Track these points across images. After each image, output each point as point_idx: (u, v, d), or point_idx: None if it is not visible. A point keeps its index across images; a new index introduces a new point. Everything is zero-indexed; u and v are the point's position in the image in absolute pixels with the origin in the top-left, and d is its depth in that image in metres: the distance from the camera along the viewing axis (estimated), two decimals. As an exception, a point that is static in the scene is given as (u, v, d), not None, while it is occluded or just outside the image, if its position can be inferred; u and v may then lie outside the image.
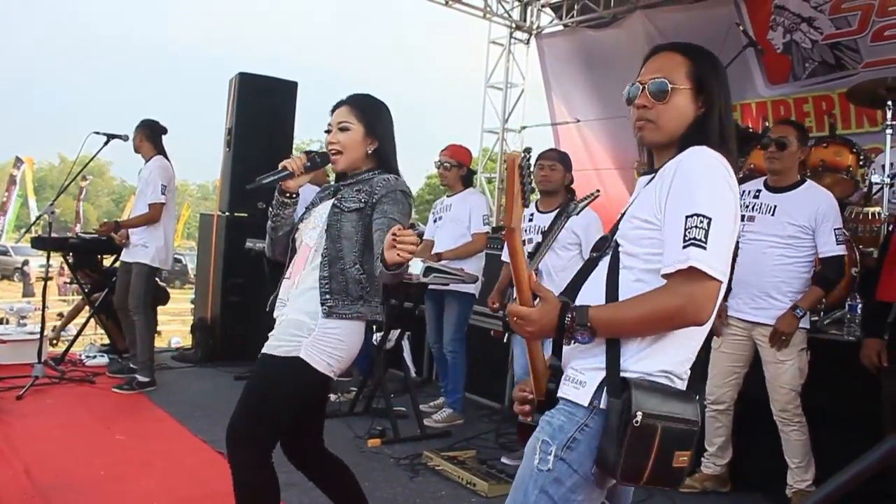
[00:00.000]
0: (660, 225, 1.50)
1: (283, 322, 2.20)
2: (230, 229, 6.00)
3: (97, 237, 5.63)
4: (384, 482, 3.43)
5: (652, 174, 1.61)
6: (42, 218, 5.17)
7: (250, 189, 2.27)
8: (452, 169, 4.67)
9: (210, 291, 6.15)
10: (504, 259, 4.08)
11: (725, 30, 5.74)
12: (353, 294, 2.18)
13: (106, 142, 5.01)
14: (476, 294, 4.58)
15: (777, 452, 3.27)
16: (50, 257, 5.33)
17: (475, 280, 4.42)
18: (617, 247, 1.58)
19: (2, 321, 6.63)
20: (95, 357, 5.60)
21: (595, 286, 1.58)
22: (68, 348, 5.78)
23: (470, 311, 4.65)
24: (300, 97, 6.36)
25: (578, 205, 3.47)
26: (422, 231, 5.13)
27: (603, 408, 1.47)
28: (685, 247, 1.42)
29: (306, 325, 2.14)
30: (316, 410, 2.41)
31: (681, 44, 1.68)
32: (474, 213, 4.58)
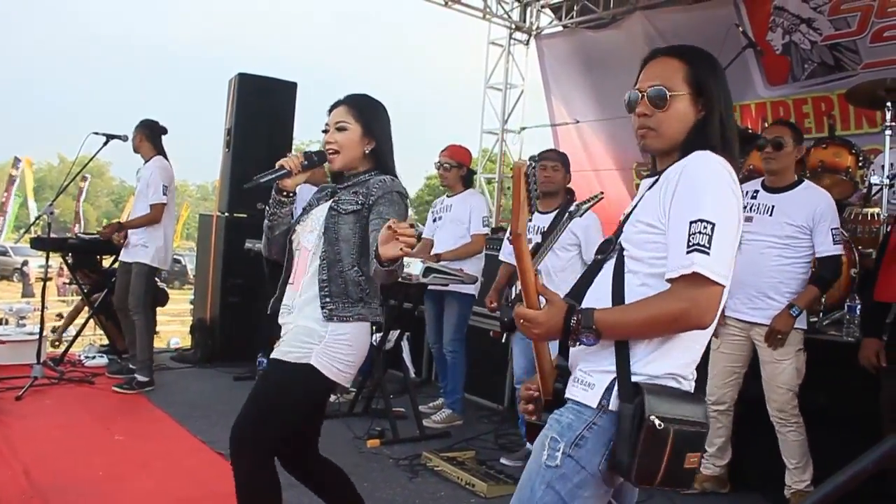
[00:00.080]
0: (664, 229, 1.52)
1: (294, 329, 2.20)
2: (229, 230, 6.00)
3: (96, 238, 5.63)
4: (383, 483, 3.43)
5: (655, 177, 1.63)
6: (41, 218, 5.17)
7: (248, 188, 2.26)
8: (452, 169, 4.68)
9: (209, 292, 6.15)
10: (502, 259, 4.08)
11: (725, 31, 5.74)
12: (353, 296, 2.19)
13: (105, 142, 5.01)
14: (475, 295, 4.58)
15: (776, 453, 3.27)
16: (49, 258, 5.34)
17: (475, 280, 4.42)
18: (621, 250, 1.59)
19: (1, 322, 6.63)
20: (95, 357, 5.60)
21: (600, 289, 1.60)
22: (67, 349, 5.78)
23: (469, 312, 4.66)
24: (300, 97, 6.37)
25: (582, 206, 3.46)
26: (420, 231, 5.13)
27: (612, 409, 1.49)
28: (689, 252, 1.44)
29: (317, 333, 2.16)
30: (315, 417, 2.41)
31: (677, 48, 1.68)
32: (474, 215, 4.58)
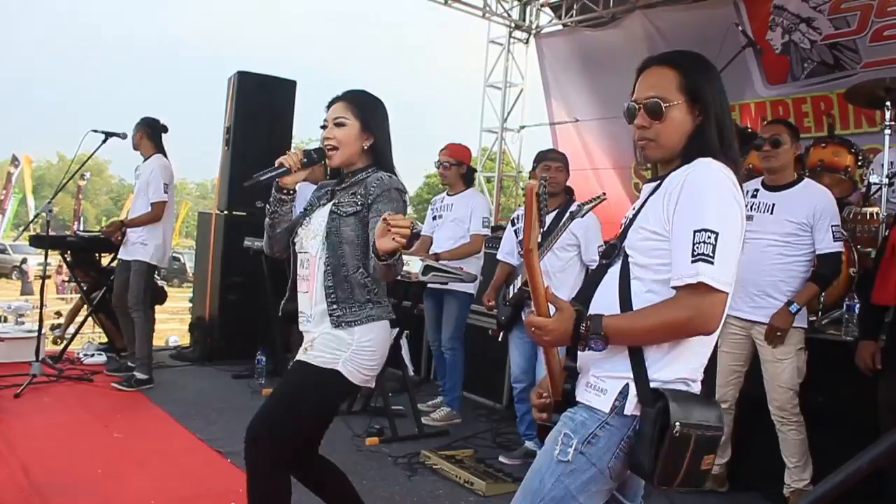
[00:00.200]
0: (668, 236, 1.55)
1: (321, 337, 2.20)
2: (229, 228, 5.99)
3: (95, 235, 5.63)
4: (382, 481, 3.43)
5: (657, 181, 1.65)
6: (40, 216, 5.16)
7: (248, 186, 2.26)
8: (452, 167, 4.68)
9: (208, 290, 6.14)
10: (500, 258, 4.08)
11: (724, 30, 5.74)
12: (360, 299, 2.20)
13: (104, 140, 5.01)
14: (474, 293, 4.59)
15: (775, 452, 3.27)
16: (48, 255, 5.33)
17: (474, 279, 4.42)
18: (626, 256, 1.62)
19: (0, 319, 6.63)
20: (93, 355, 5.60)
21: (607, 295, 1.63)
22: (66, 346, 5.77)
23: (468, 310, 4.66)
24: (299, 96, 6.35)
25: (583, 207, 3.45)
26: (419, 229, 5.12)
27: (628, 414, 1.53)
28: (694, 261, 1.48)
29: (344, 341, 2.17)
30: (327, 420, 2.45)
31: (669, 56, 1.70)
32: (475, 215, 4.57)
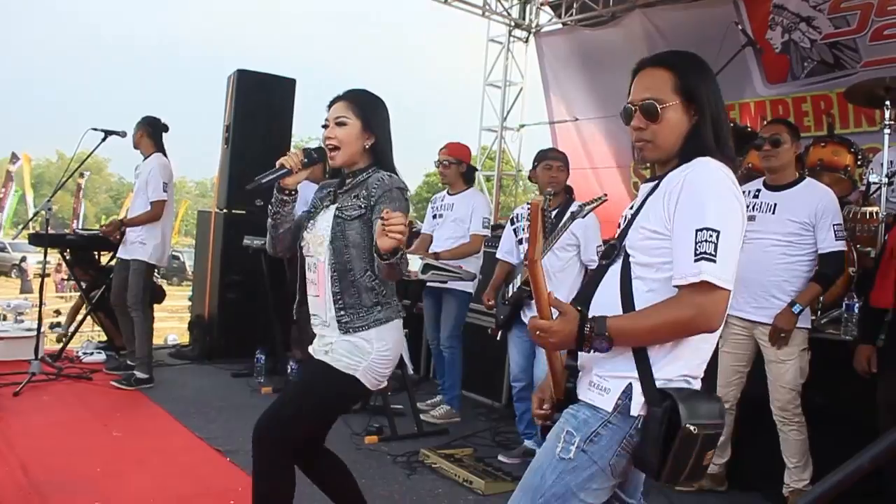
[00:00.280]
0: (669, 235, 1.57)
1: (340, 342, 2.20)
2: (228, 226, 5.98)
3: (95, 234, 5.62)
4: (381, 479, 3.43)
5: (655, 181, 1.66)
6: (39, 214, 5.16)
7: (250, 189, 2.26)
8: (451, 166, 4.67)
9: (208, 288, 6.14)
10: (499, 256, 4.08)
11: (724, 29, 5.74)
12: (367, 303, 2.20)
13: (104, 138, 5.00)
14: (473, 292, 4.59)
15: (774, 451, 3.27)
16: (47, 254, 5.32)
17: (473, 278, 4.42)
18: (627, 256, 1.63)
19: (-1, 317, 6.63)
20: (93, 354, 5.60)
21: (608, 294, 1.64)
22: (65, 345, 5.77)
23: (467, 309, 4.66)
24: (299, 95, 6.34)
25: (585, 208, 3.45)
26: (418, 229, 5.12)
27: (634, 415, 1.54)
28: (697, 260, 1.49)
29: (364, 350, 2.19)
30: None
31: (663, 56, 1.71)
32: (475, 215, 4.57)
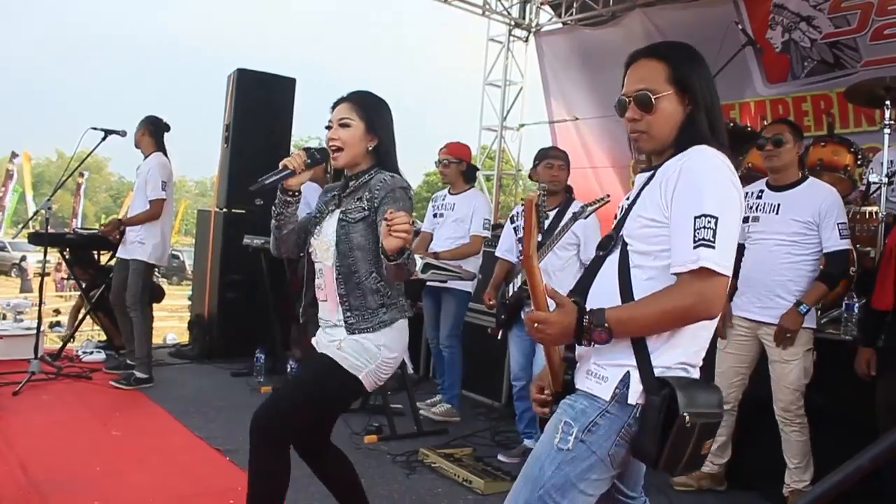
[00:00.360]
0: (667, 223, 1.56)
1: (349, 341, 2.21)
2: (228, 226, 5.98)
3: (94, 233, 5.62)
4: (380, 479, 3.43)
5: (651, 171, 1.65)
6: (39, 213, 5.16)
7: (254, 190, 2.26)
8: (451, 165, 4.67)
9: (207, 288, 6.14)
10: (498, 255, 4.08)
11: (724, 28, 5.74)
12: (373, 305, 2.22)
13: (103, 137, 5.00)
14: (472, 292, 4.58)
15: (774, 451, 3.27)
16: (47, 253, 5.32)
17: (473, 277, 4.42)
18: (624, 245, 1.62)
19: (-1, 317, 6.63)
20: (92, 353, 5.59)
21: (606, 285, 1.63)
22: (65, 344, 5.77)
23: (466, 308, 4.65)
24: (298, 94, 6.34)
25: (587, 208, 3.45)
26: (418, 228, 5.12)
27: (632, 403, 1.54)
28: (696, 247, 1.48)
29: (373, 353, 2.20)
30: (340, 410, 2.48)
31: (656, 47, 1.72)
32: (476, 216, 4.56)
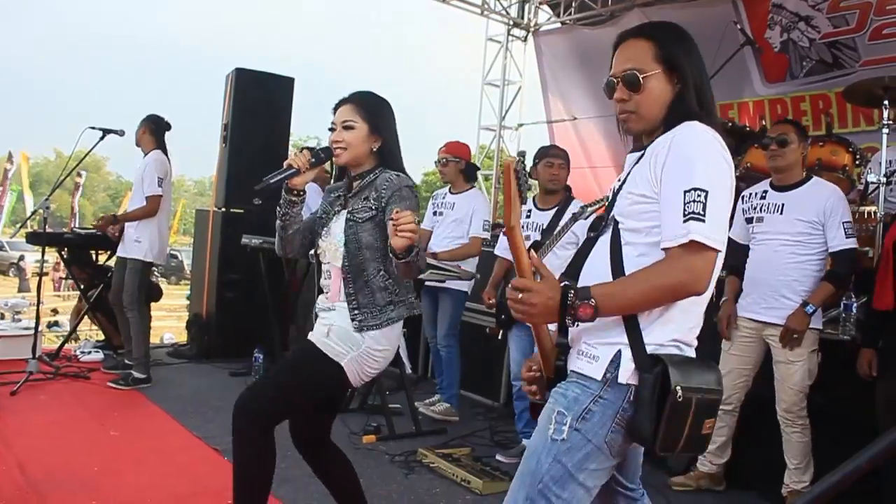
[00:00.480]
0: (657, 198, 1.53)
1: (336, 328, 2.23)
2: (226, 225, 5.97)
3: (93, 233, 5.61)
4: (379, 479, 3.43)
5: (641, 151, 1.63)
6: (37, 213, 5.15)
7: (259, 189, 2.26)
8: (449, 164, 4.67)
9: (206, 287, 6.13)
10: (497, 254, 4.07)
11: (723, 28, 5.74)
12: (381, 302, 2.23)
13: (102, 137, 4.99)
14: (468, 291, 4.58)
15: (772, 452, 3.27)
16: (45, 252, 5.31)
17: (472, 277, 4.42)
18: (616, 224, 1.60)
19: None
20: (90, 353, 5.58)
21: (598, 265, 1.61)
22: (63, 344, 5.76)
23: (462, 308, 4.66)
24: (297, 94, 6.33)
25: (587, 209, 3.45)
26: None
27: (622, 382, 1.50)
28: (686, 221, 1.45)
29: (356, 340, 2.21)
30: (335, 404, 2.47)
31: (644, 27, 1.70)
32: (476, 217, 4.55)
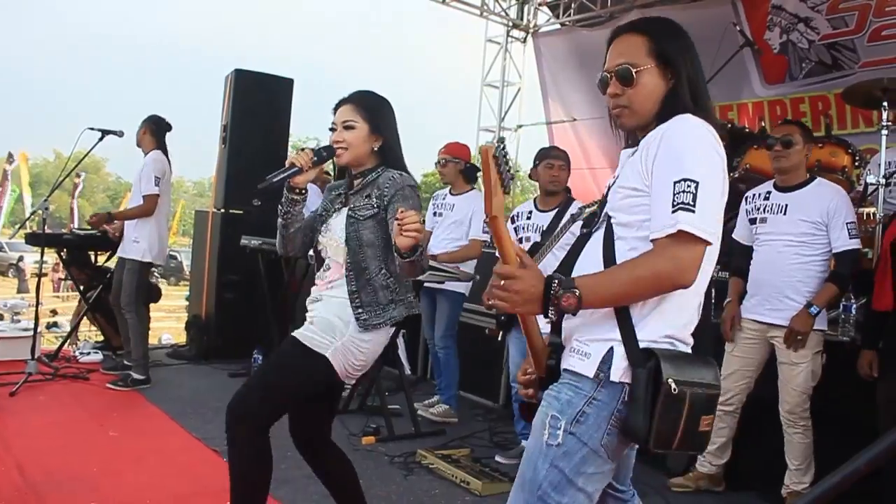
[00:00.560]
0: (648, 192, 1.51)
1: (319, 319, 2.24)
2: (225, 226, 5.97)
3: (92, 233, 5.60)
4: (378, 480, 3.43)
5: (635, 147, 1.62)
6: (36, 213, 5.14)
7: (262, 188, 2.26)
8: (448, 164, 4.67)
9: (205, 288, 6.13)
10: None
11: (722, 29, 5.75)
12: (384, 301, 2.23)
13: (101, 137, 4.98)
14: (466, 293, 4.58)
15: (772, 452, 3.27)
16: (44, 253, 5.31)
17: (471, 278, 4.42)
18: (609, 219, 1.58)
19: (-4, 317, 6.60)
20: (89, 354, 5.57)
21: (590, 260, 1.58)
22: (62, 345, 5.76)
23: (460, 310, 4.66)
24: (297, 95, 6.33)
25: (585, 210, 3.45)
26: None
27: (614, 380, 1.47)
28: (674, 211, 1.43)
29: (338, 329, 2.20)
30: (331, 402, 2.46)
31: (637, 22, 1.69)
32: (475, 219, 4.54)
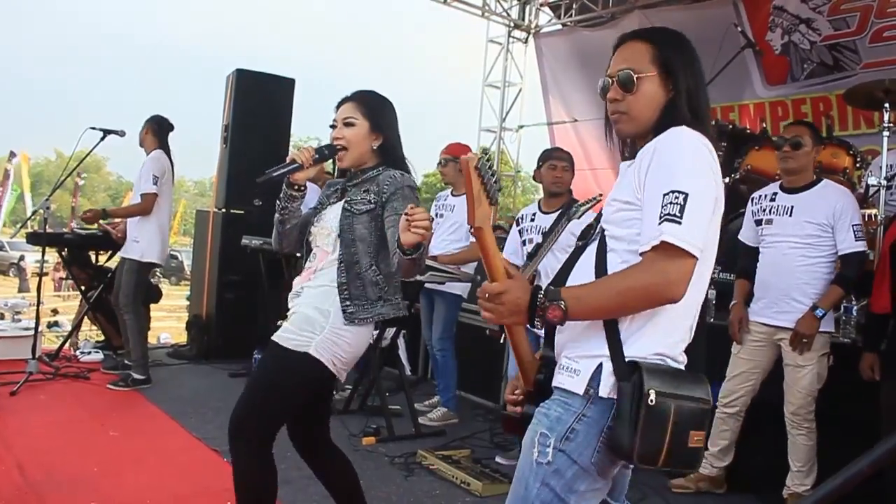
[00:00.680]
0: (640, 205, 1.49)
1: (296, 316, 2.22)
2: (226, 226, 5.98)
3: (93, 233, 5.60)
4: (378, 481, 3.42)
5: (633, 160, 1.60)
6: (37, 213, 5.15)
7: (261, 181, 2.25)
8: (449, 164, 4.67)
9: (206, 288, 6.13)
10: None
11: (724, 30, 5.75)
12: (372, 296, 2.22)
13: (102, 137, 4.99)
14: (464, 295, 4.58)
15: (773, 454, 3.26)
16: (45, 253, 5.31)
17: (471, 280, 4.42)
18: (603, 232, 1.57)
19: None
20: (90, 353, 5.58)
21: (583, 273, 1.57)
22: (62, 344, 5.76)
23: (458, 311, 4.66)
24: (298, 94, 6.34)
25: (580, 208, 3.45)
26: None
27: (602, 396, 1.45)
28: (661, 223, 1.40)
29: (318, 323, 2.18)
30: (325, 401, 2.45)
31: (643, 30, 1.68)
32: None
